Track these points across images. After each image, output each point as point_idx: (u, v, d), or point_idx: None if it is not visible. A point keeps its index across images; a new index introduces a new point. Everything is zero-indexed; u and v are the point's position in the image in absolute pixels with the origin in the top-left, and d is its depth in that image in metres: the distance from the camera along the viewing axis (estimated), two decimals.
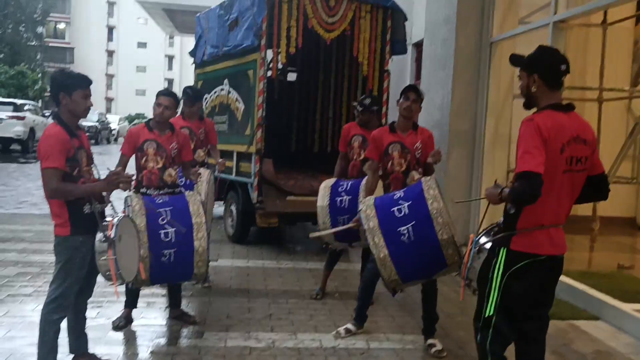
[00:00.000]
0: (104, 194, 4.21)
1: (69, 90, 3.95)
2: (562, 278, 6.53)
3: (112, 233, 3.89)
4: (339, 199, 6.02)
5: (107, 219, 4.02)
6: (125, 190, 4.28)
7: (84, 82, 4.02)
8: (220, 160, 6.67)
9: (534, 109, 3.40)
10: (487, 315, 3.43)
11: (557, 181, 3.26)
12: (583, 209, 8.24)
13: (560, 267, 3.51)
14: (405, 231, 4.50)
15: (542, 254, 3.32)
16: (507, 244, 3.37)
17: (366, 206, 4.77)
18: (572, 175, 3.31)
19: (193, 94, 6.72)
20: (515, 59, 3.53)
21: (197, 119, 6.71)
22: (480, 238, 3.60)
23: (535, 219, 3.30)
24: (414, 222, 4.51)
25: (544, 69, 3.34)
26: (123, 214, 4.28)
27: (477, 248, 3.58)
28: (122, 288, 5.22)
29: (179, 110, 6.14)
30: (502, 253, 3.38)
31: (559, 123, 3.25)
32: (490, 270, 3.42)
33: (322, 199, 6.09)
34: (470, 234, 3.83)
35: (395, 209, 4.65)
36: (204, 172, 6.15)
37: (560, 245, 3.39)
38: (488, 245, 3.52)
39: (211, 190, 6.42)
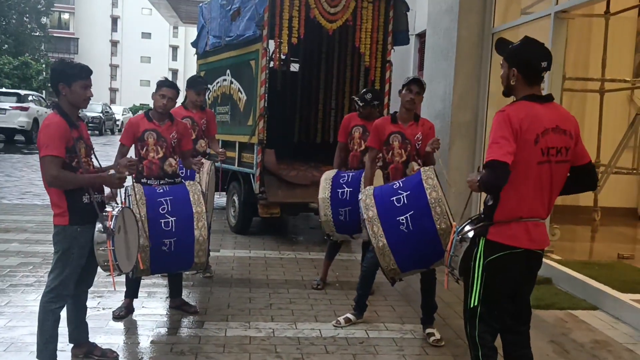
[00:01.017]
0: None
1: (69, 80, 3.95)
2: (562, 268, 6.62)
3: (111, 224, 3.91)
4: (340, 190, 6.03)
5: (107, 209, 4.04)
6: (131, 174, 4.32)
7: (84, 72, 4.02)
8: (220, 150, 6.68)
9: (513, 98, 3.39)
10: (472, 305, 3.45)
11: (533, 172, 3.23)
12: (585, 200, 8.26)
13: (539, 262, 3.50)
14: (404, 220, 4.52)
15: (519, 247, 3.31)
16: (484, 234, 3.37)
17: (365, 195, 4.79)
18: (551, 166, 3.27)
19: (205, 83, 6.78)
20: (499, 46, 3.48)
21: (199, 109, 6.70)
22: (463, 227, 3.61)
23: (511, 210, 3.28)
24: (412, 212, 4.53)
25: (524, 65, 3.30)
26: (123, 205, 4.29)
27: (459, 237, 3.59)
28: (123, 278, 5.24)
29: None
30: (481, 243, 3.39)
31: (533, 114, 3.22)
32: (472, 260, 3.43)
33: (324, 191, 6.09)
34: (453, 223, 3.84)
35: (394, 198, 4.67)
36: (206, 163, 6.16)
37: (539, 240, 3.36)
38: (471, 234, 3.53)
39: (212, 180, 6.43)
